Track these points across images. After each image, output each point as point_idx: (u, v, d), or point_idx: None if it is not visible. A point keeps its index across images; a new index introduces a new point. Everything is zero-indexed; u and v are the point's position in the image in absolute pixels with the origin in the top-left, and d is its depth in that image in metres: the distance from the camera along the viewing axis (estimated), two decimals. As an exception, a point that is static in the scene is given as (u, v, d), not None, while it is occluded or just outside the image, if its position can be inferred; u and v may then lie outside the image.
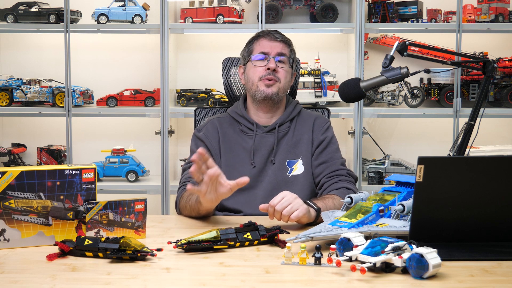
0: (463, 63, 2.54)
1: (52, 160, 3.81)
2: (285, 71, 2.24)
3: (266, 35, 2.27)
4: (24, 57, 4.02)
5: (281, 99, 2.27)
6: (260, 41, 2.27)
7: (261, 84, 2.22)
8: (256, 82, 2.23)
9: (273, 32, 2.28)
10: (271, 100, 2.23)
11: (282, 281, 1.44)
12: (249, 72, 2.26)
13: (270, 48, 2.24)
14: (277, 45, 2.25)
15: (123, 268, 1.51)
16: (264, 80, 2.21)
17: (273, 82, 2.21)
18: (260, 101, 2.24)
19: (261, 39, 2.27)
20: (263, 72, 2.22)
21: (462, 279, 1.42)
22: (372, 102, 3.81)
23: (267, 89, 2.21)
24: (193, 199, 2.02)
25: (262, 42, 2.26)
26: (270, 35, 2.27)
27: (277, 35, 2.27)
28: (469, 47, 3.67)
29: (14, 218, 1.66)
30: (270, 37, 2.26)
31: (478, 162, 1.65)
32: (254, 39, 2.30)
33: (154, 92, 3.83)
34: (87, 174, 1.72)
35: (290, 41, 2.31)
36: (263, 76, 2.21)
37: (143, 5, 3.72)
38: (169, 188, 3.68)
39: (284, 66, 2.24)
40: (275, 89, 2.21)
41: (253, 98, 2.26)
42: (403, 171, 3.65)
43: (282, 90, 2.24)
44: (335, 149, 2.27)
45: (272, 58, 2.22)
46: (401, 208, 1.68)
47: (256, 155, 2.23)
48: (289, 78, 2.27)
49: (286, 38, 2.29)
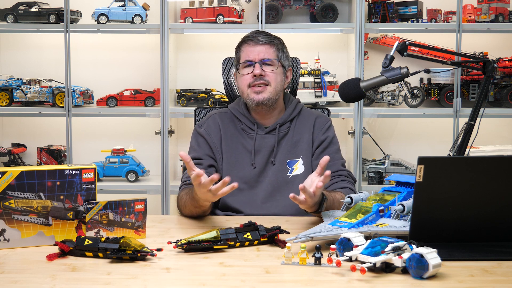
0: (463, 63, 2.54)
1: (52, 160, 3.82)
2: (274, 73, 2.22)
3: (249, 40, 2.24)
4: (24, 57, 4.02)
5: (276, 101, 2.25)
6: (243, 47, 2.25)
7: (250, 92, 2.21)
8: (245, 90, 2.22)
9: (257, 35, 2.24)
10: (264, 105, 2.22)
11: (282, 281, 1.44)
12: (239, 81, 2.25)
13: (253, 54, 2.21)
14: (260, 49, 2.21)
15: (123, 268, 1.51)
16: (252, 88, 2.20)
17: (262, 88, 2.20)
18: (253, 107, 2.24)
19: (245, 45, 2.25)
20: (250, 79, 2.20)
21: (462, 279, 1.42)
22: (372, 102, 3.81)
23: (256, 96, 2.20)
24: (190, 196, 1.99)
25: (246, 49, 2.24)
26: (253, 39, 2.23)
27: (261, 37, 2.23)
28: (469, 47, 3.67)
29: (14, 218, 1.66)
30: (253, 42, 2.23)
31: (478, 162, 1.65)
32: (240, 45, 2.28)
33: (154, 92, 3.83)
34: (87, 174, 1.72)
35: (276, 39, 2.26)
36: (251, 83, 2.20)
37: (143, 5, 3.72)
38: (169, 188, 3.68)
39: (271, 68, 2.22)
40: (265, 94, 2.20)
41: (247, 105, 2.26)
42: (403, 171, 3.65)
43: (274, 92, 2.22)
44: (336, 150, 2.27)
45: (257, 64, 2.20)
46: (401, 208, 1.69)
47: (256, 156, 2.22)
48: (280, 78, 2.24)
49: (269, 39, 2.24)
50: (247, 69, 2.22)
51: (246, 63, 2.21)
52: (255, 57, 2.21)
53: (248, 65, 2.21)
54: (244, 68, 2.22)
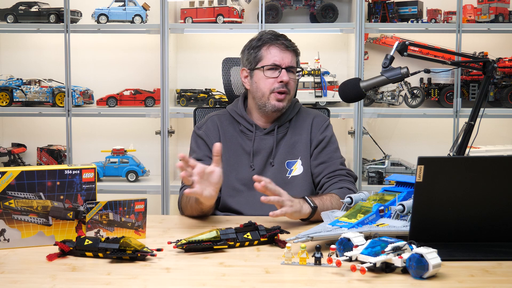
0: (463, 63, 2.54)
1: (52, 160, 3.82)
2: (294, 82, 2.23)
3: (276, 43, 2.20)
4: (24, 57, 4.02)
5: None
6: (270, 49, 2.20)
7: (272, 98, 2.19)
8: (267, 94, 2.19)
9: (282, 38, 2.21)
10: (280, 112, 2.23)
11: (282, 281, 1.44)
12: (260, 82, 2.20)
13: (281, 59, 2.18)
14: (287, 55, 2.19)
15: (123, 268, 1.51)
16: (275, 94, 2.18)
17: (285, 96, 2.19)
18: (268, 112, 2.23)
19: (272, 47, 2.20)
20: (275, 84, 2.18)
21: (462, 279, 1.42)
22: (372, 102, 3.81)
23: (278, 103, 2.19)
24: (192, 200, 2.02)
25: (273, 51, 2.19)
26: (280, 43, 2.19)
27: (287, 43, 2.21)
28: (469, 47, 3.67)
29: (14, 218, 1.66)
30: (281, 46, 2.19)
31: (478, 162, 1.64)
32: (263, 44, 2.21)
33: (154, 92, 3.83)
34: (87, 174, 1.72)
35: (298, 49, 2.25)
36: (275, 88, 2.18)
37: (143, 5, 3.72)
38: (169, 188, 3.68)
39: (293, 76, 2.22)
40: (285, 103, 2.20)
41: (260, 107, 2.23)
42: (403, 171, 3.65)
43: (290, 100, 2.24)
44: (335, 149, 2.27)
45: (284, 71, 2.17)
46: (401, 208, 1.68)
47: (255, 157, 2.22)
48: (295, 86, 2.27)
49: (295, 46, 2.23)
50: (272, 72, 2.19)
51: (273, 66, 2.18)
52: (283, 62, 2.18)
53: (273, 69, 2.19)
54: (269, 71, 2.19)
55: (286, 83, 2.18)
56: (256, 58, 2.22)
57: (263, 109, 2.22)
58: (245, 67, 2.27)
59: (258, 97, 2.22)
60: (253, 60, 2.22)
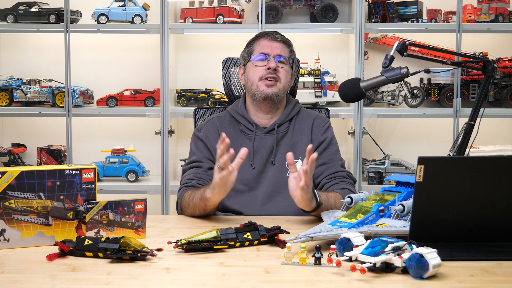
0: (463, 63, 2.54)
1: (52, 160, 3.82)
2: (286, 71, 2.24)
3: (266, 36, 2.28)
4: (24, 57, 4.02)
5: (281, 100, 2.26)
6: (260, 41, 2.28)
7: (261, 84, 2.22)
8: (256, 82, 2.23)
9: (273, 33, 2.29)
10: (271, 100, 2.23)
11: (282, 281, 1.44)
12: (249, 72, 2.26)
13: (270, 48, 2.24)
14: (277, 45, 2.25)
15: (123, 268, 1.51)
16: (264, 80, 2.21)
17: (274, 82, 2.21)
18: (260, 101, 2.24)
19: (261, 39, 2.28)
20: (263, 71, 2.22)
21: (462, 279, 1.42)
22: (372, 102, 3.81)
23: (267, 89, 2.21)
24: (197, 197, 2.01)
25: (262, 42, 2.27)
26: (270, 35, 2.28)
27: (277, 36, 2.28)
28: (469, 47, 3.67)
29: (14, 218, 1.66)
30: (270, 38, 2.27)
31: (478, 162, 1.64)
32: (254, 39, 2.31)
33: (154, 92, 3.83)
34: (87, 174, 1.72)
35: (290, 41, 2.31)
36: (264, 75, 2.21)
37: (143, 5, 3.72)
38: (169, 188, 3.68)
39: (284, 66, 2.25)
40: (275, 89, 2.21)
41: (253, 98, 2.26)
42: (403, 171, 3.65)
43: (282, 90, 2.24)
44: (335, 151, 2.27)
45: (272, 58, 2.22)
46: (401, 208, 1.68)
47: (255, 156, 2.22)
48: (289, 78, 2.27)
49: (285, 39, 2.30)
50: (261, 62, 2.24)
51: (261, 56, 2.24)
52: (271, 51, 2.24)
53: (261, 59, 2.24)
54: (258, 61, 2.24)
55: (276, 71, 2.21)
56: (248, 52, 2.30)
57: (254, 98, 2.25)
58: (241, 65, 2.34)
59: (249, 87, 2.26)
60: (246, 56, 2.30)
